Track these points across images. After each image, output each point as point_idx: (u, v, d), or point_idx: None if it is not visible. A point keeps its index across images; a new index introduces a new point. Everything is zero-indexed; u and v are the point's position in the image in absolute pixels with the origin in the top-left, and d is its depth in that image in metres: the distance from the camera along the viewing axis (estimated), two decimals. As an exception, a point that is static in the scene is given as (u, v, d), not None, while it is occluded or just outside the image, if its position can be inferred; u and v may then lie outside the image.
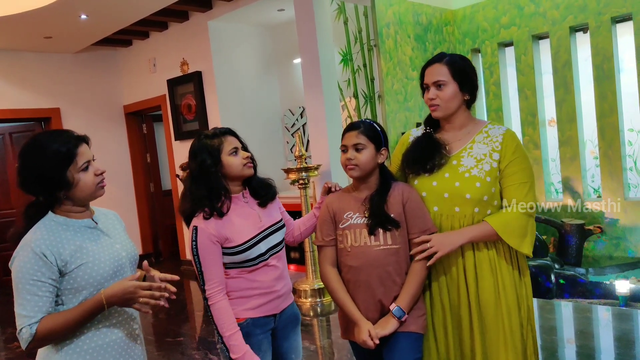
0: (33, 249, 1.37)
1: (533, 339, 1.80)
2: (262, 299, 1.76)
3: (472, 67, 1.80)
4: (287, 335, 1.89)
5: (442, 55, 1.80)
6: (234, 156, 1.73)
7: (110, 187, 6.53)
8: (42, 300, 1.37)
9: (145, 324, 4.33)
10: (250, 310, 1.75)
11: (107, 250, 1.50)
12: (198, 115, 5.71)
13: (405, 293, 1.69)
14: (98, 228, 1.52)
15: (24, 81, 5.93)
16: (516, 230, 1.70)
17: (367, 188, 1.77)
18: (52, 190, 1.43)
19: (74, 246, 1.43)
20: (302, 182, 4.33)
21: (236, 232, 1.71)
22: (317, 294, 4.29)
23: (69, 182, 1.42)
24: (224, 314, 1.68)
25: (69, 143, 1.44)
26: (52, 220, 1.45)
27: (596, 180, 5.46)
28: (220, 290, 1.69)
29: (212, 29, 5.48)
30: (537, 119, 5.38)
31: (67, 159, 1.42)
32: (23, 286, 1.36)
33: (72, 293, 1.42)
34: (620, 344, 3.13)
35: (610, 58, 4.82)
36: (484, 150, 1.75)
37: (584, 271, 4.87)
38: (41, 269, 1.37)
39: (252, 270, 1.75)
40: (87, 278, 1.42)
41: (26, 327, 1.35)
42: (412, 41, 5.44)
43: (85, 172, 1.45)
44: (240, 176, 1.76)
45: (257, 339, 1.75)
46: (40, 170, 1.41)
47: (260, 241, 1.75)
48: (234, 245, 1.70)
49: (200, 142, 1.74)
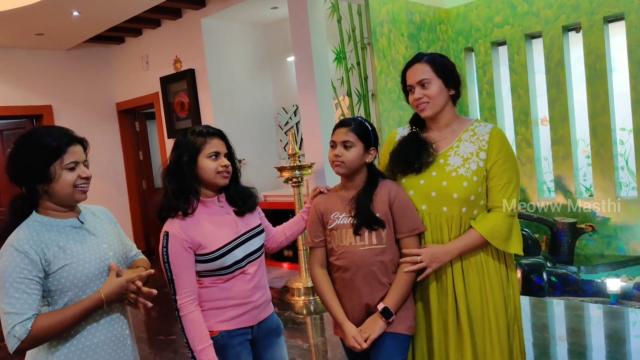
0: (16, 248, 1.35)
1: (520, 339, 1.80)
2: (237, 310, 1.67)
3: (451, 62, 1.81)
4: (269, 345, 1.79)
5: (420, 56, 1.80)
6: (211, 160, 1.64)
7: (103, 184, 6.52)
8: (32, 297, 1.35)
9: (138, 322, 4.31)
10: (224, 323, 1.65)
11: (92, 251, 1.48)
12: (191, 113, 5.69)
13: (393, 293, 1.68)
14: (84, 228, 1.50)
15: (16, 78, 5.89)
16: (502, 234, 1.71)
17: (354, 187, 1.76)
18: (32, 180, 1.42)
19: (57, 247, 1.41)
20: (296, 180, 4.33)
21: (210, 238, 1.62)
22: (311, 292, 4.29)
23: (49, 175, 1.41)
24: (195, 327, 1.58)
25: (62, 139, 1.43)
26: (35, 221, 1.43)
27: (588, 179, 5.50)
28: (192, 300, 1.60)
29: (205, 27, 5.46)
30: (530, 118, 5.40)
31: (54, 154, 1.41)
32: (10, 284, 1.33)
33: (57, 295, 1.40)
34: (612, 342, 3.15)
35: (603, 57, 4.84)
36: (470, 149, 1.74)
37: (575, 269, 4.90)
38: (27, 266, 1.35)
39: (228, 279, 1.66)
40: (72, 279, 1.41)
41: (19, 325, 1.31)
42: (406, 40, 5.44)
43: (69, 172, 1.44)
44: (212, 183, 1.67)
45: (235, 350, 1.66)
46: (27, 159, 1.41)
47: (237, 247, 1.67)
48: (207, 252, 1.62)
49: (185, 137, 1.67)
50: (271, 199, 5.55)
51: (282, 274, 5.28)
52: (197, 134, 1.67)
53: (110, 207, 1.75)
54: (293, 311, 4.14)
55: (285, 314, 4.06)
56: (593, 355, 3.03)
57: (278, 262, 5.61)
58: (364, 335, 1.67)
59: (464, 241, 1.70)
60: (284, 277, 5.07)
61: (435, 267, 1.69)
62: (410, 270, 1.69)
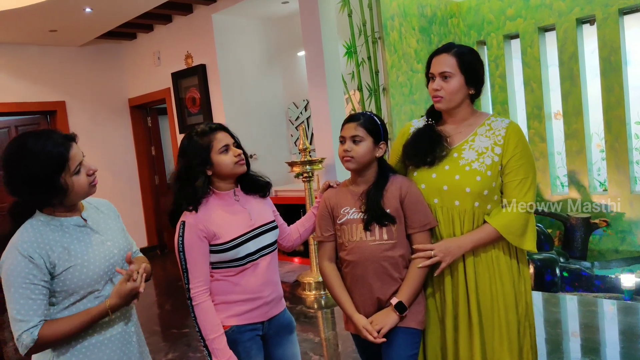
0: (20, 252, 1.34)
1: (531, 335, 1.78)
2: (247, 306, 1.68)
3: (480, 61, 1.77)
4: (280, 342, 1.79)
5: (450, 46, 1.76)
6: (224, 154, 1.67)
7: (116, 180, 6.58)
8: (37, 303, 1.35)
9: (151, 315, 4.36)
10: (234, 317, 1.67)
11: (97, 250, 1.46)
12: (202, 108, 5.71)
13: (406, 288, 1.68)
14: (87, 226, 1.49)
15: (30, 75, 5.95)
16: (518, 230, 1.69)
17: (365, 182, 1.76)
18: (44, 197, 1.38)
19: (62, 248, 1.39)
20: (306, 175, 4.33)
21: (225, 229, 1.65)
22: (321, 286, 4.31)
23: (62, 188, 1.38)
24: (208, 316, 1.61)
25: (61, 146, 1.37)
26: (39, 220, 1.41)
27: (602, 174, 5.43)
28: (205, 290, 1.63)
29: (216, 22, 5.47)
30: (543, 112, 5.35)
31: (59, 165, 1.36)
32: (16, 290, 1.33)
33: (63, 295, 1.40)
34: (625, 338, 3.12)
35: (617, 50, 4.78)
36: (485, 144, 1.72)
37: (589, 265, 4.86)
38: (32, 271, 1.34)
39: (239, 272, 1.68)
40: (77, 281, 1.40)
41: (26, 333, 1.33)
42: (417, 33, 5.41)
43: (77, 176, 1.41)
44: (233, 174, 1.70)
45: (245, 345, 1.67)
46: (31, 178, 1.35)
47: (250, 240, 1.69)
48: (221, 242, 1.64)
49: (191, 142, 1.68)
50: (282, 194, 5.56)
51: (293, 268, 5.30)
52: (200, 134, 1.68)
53: (122, 202, 1.77)
54: (304, 305, 4.16)
55: (296, 308, 4.07)
56: (607, 351, 3.00)
57: (289, 257, 5.63)
58: (375, 327, 1.67)
59: (478, 235, 1.69)
60: (295, 271, 5.09)
61: (449, 261, 1.68)
62: (425, 266, 1.68)
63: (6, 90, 5.76)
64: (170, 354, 3.42)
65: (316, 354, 3.21)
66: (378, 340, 1.65)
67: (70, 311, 1.42)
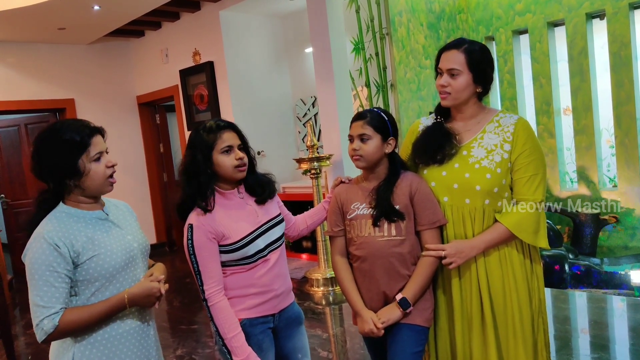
0: (46, 240, 1.38)
1: (544, 331, 1.77)
2: (259, 299, 1.70)
3: (490, 59, 1.75)
4: (290, 334, 1.81)
5: (461, 42, 1.73)
6: (225, 155, 1.65)
7: (124, 177, 6.60)
8: (59, 291, 1.38)
9: (161, 312, 4.39)
10: (246, 311, 1.69)
11: (118, 242, 1.50)
12: (210, 105, 5.73)
13: (412, 284, 1.68)
14: (109, 219, 1.53)
15: (39, 72, 5.99)
16: (530, 227, 1.67)
17: (376, 178, 1.76)
18: (62, 177, 1.44)
19: (86, 237, 1.44)
20: (314, 172, 4.34)
21: (232, 229, 1.65)
22: (330, 282, 4.31)
23: (80, 170, 1.43)
24: (225, 315, 1.62)
25: (83, 132, 1.45)
26: (62, 212, 1.46)
27: (612, 170, 5.39)
28: (219, 290, 1.64)
29: (223, 19, 5.48)
30: (552, 107, 5.31)
31: (80, 148, 1.43)
32: (40, 277, 1.37)
33: (85, 285, 1.43)
34: (635, 334, 3.10)
35: (628, 45, 4.73)
36: (494, 141, 1.71)
37: (598, 261, 4.82)
38: (56, 259, 1.37)
39: (250, 269, 1.69)
40: (100, 270, 1.43)
41: (48, 318, 1.35)
42: (425, 29, 5.38)
43: (97, 163, 1.46)
44: (231, 178, 1.68)
45: (257, 339, 1.69)
46: (53, 157, 1.43)
47: (258, 237, 1.69)
48: (230, 243, 1.64)
49: (197, 136, 1.67)
50: (290, 191, 5.57)
51: (301, 264, 5.31)
52: (207, 130, 1.67)
53: (131, 199, 1.79)
54: (312, 301, 4.17)
55: (304, 304, 4.09)
56: (616, 348, 2.99)
57: (297, 253, 5.64)
58: (379, 320, 1.68)
59: (490, 235, 1.68)
60: (303, 268, 5.10)
61: (461, 262, 1.66)
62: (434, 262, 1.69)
63: (16, 88, 5.81)
64: (179, 350, 3.44)
65: (324, 350, 3.22)
66: (378, 331, 1.66)
67: (90, 302, 1.45)
